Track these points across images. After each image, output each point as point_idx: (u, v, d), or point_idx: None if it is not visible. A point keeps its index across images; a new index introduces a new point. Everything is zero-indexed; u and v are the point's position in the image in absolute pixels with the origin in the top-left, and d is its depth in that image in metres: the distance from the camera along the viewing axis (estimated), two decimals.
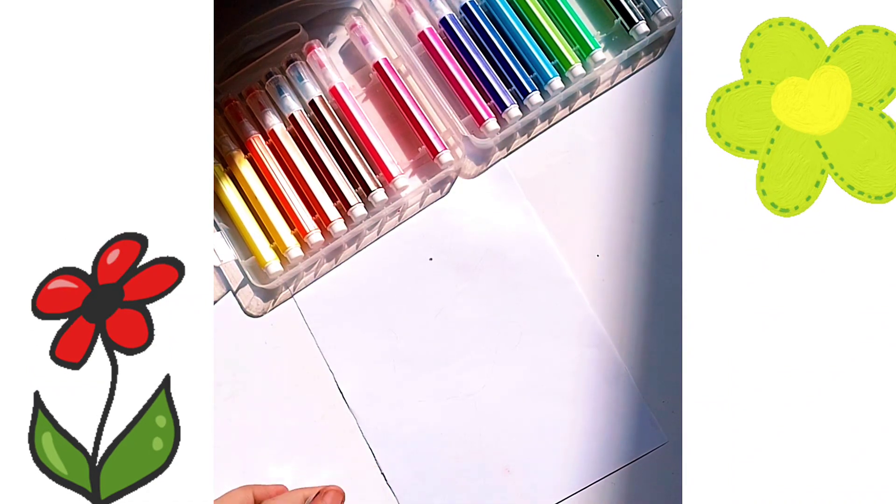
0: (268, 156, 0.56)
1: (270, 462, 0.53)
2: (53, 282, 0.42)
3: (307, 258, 0.55)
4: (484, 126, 0.56)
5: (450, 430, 0.54)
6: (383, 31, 0.58)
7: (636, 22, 0.57)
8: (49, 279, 0.42)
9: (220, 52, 0.57)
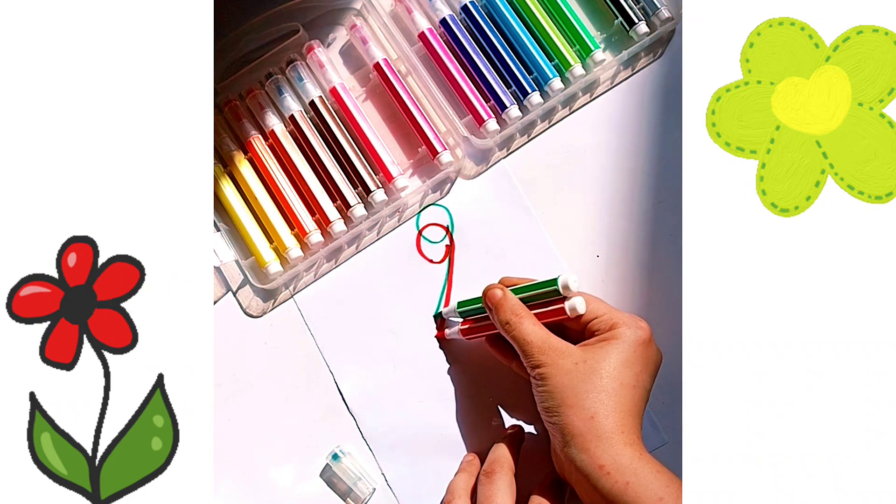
0: (268, 156, 0.56)
1: (270, 462, 0.53)
2: (25, 288, 0.42)
3: (307, 258, 0.55)
4: (484, 126, 0.56)
5: (450, 430, 0.54)
6: (383, 32, 0.58)
7: (636, 22, 0.57)
8: (19, 286, 0.42)
9: (220, 52, 0.57)
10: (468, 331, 0.52)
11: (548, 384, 0.45)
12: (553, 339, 0.46)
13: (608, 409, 0.43)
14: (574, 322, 0.48)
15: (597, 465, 0.43)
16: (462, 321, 0.53)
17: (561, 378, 0.45)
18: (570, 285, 0.47)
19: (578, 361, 0.45)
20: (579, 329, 0.48)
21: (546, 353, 0.46)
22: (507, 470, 0.48)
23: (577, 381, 0.44)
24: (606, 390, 0.44)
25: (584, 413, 0.43)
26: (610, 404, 0.44)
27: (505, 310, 0.48)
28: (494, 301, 0.48)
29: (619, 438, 0.43)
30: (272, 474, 0.53)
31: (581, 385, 0.44)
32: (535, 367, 0.46)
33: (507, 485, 0.47)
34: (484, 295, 0.50)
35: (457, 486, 0.50)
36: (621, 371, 0.44)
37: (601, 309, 0.47)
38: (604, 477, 0.42)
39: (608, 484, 0.42)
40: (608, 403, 0.44)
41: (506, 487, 0.47)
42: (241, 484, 0.53)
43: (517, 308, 0.48)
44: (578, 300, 0.47)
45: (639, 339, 0.45)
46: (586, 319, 0.47)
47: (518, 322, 0.47)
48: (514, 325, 0.47)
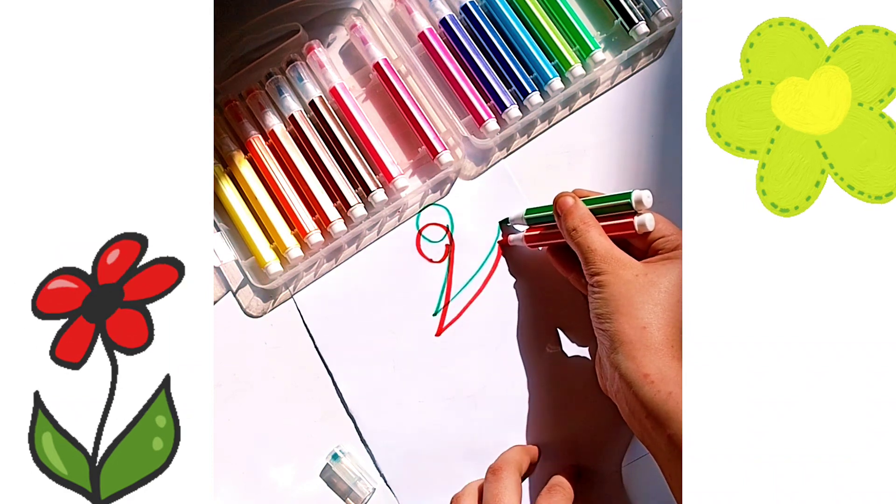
0: (268, 156, 0.56)
1: (270, 462, 0.53)
2: (53, 282, 0.42)
3: (307, 258, 0.55)
4: (484, 126, 0.56)
5: (450, 430, 0.54)
6: (383, 32, 0.58)
7: (636, 22, 0.57)
8: (49, 279, 0.42)
9: (220, 52, 0.57)
10: (533, 237, 0.53)
11: (604, 291, 0.45)
12: (616, 251, 0.47)
13: (661, 322, 0.44)
14: (640, 239, 0.48)
15: (642, 374, 0.43)
16: (527, 228, 0.54)
17: (619, 287, 0.45)
18: (644, 201, 0.47)
19: (639, 273, 0.45)
20: (644, 248, 0.49)
21: (608, 261, 0.46)
22: (514, 469, 0.48)
23: (635, 291, 0.45)
24: (662, 304, 0.44)
25: (637, 322, 0.44)
26: (664, 317, 0.44)
27: (574, 216, 0.48)
28: (565, 208, 0.49)
29: (667, 351, 0.43)
30: (272, 474, 0.53)
31: (638, 296, 0.45)
32: (594, 274, 0.46)
33: (514, 483, 0.47)
34: (555, 202, 0.50)
35: (470, 486, 0.49)
36: (679, 289, 0.45)
37: (669, 230, 0.48)
38: (647, 385, 0.43)
39: (651, 392, 0.42)
40: (662, 316, 0.44)
41: (513, 486, 0.47)
42: (241, 484, 0.53)
43: (586, 216, 0.48)
44: (648, 217, 0.47)
45: None
46: (652, 238, 0.48)
47: (585, 229, 0.47)
48: (581, 231, 0.47)
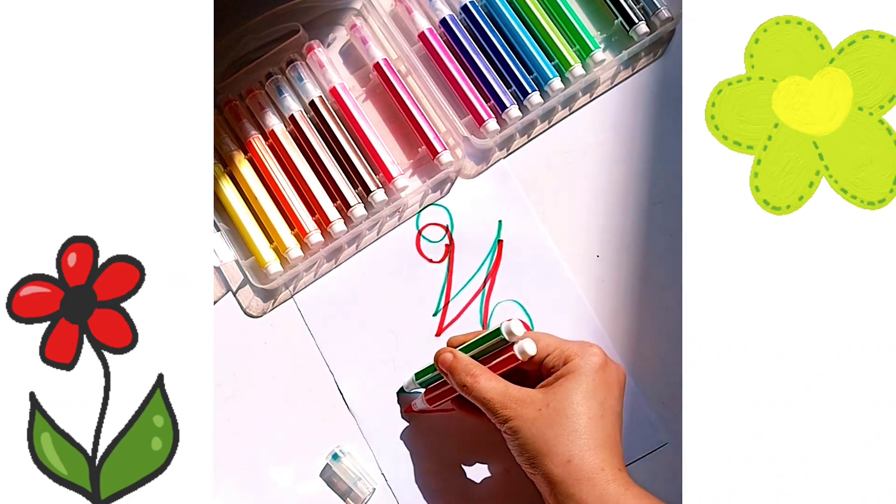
0: (268, 156, 0.56)
1: (270, 462, 0.53)
2: (24, 288, 0.42)
3: (307, 258, 0.55)
4: (484, 126, 0.56)
5: (450, 430, 0.54)
6: (383, 32, 0.58)
7: (636, 22, 0.57)
8: (19, 286, 0.42)
9: (220, 52, 0.57)
10: (433, 398, 0.50)
11: (518, 437, 0.44)
12: (512, 390, 0.45)
13: (583, 449, 0.43)
14: (530, 364, 0.47)
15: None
16: (424, 391, 0.51)
17: (529, 429, 0.44)
18: (514, 330, 0.45)
19: (541, 407, 0.44)
20: (536, 370, 0.47)
21: (508, 406, 0.45)
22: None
23: (545, 427, 0.44)
24: (576, 430, 0.43)
25: (559, 458, 0.43)
26: (582, 443, 0.43)
27: (458, 371, 0.46)
28: (447, 365, 0.47)
29: (600, 476, 0.42)
30: (272, 474, 0.53)
31: (549, 431, 0.43)
32: (501, 422, 0.45)
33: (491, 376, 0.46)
34: (436, 361, 0.48)
35: None
36: (585, 405, 0.44)
37: (552, 344, 0.46)
38: None
39: None
40: (580, 443, 0.43)
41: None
42: (241, 484, 0.53)
43: (470, 367, 0.46)
44: (526, 342, 0.45)
45: (594, 366, 0.45)
46: (539, 358, 0.46)
47: (474, 382, 0.46)
48: (470, 385, 0.46)
